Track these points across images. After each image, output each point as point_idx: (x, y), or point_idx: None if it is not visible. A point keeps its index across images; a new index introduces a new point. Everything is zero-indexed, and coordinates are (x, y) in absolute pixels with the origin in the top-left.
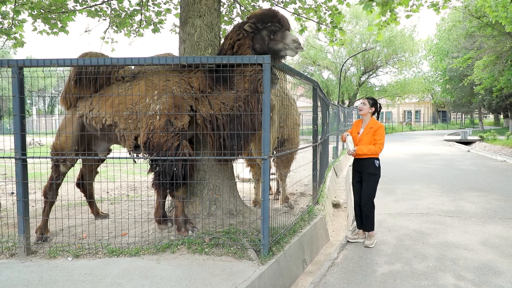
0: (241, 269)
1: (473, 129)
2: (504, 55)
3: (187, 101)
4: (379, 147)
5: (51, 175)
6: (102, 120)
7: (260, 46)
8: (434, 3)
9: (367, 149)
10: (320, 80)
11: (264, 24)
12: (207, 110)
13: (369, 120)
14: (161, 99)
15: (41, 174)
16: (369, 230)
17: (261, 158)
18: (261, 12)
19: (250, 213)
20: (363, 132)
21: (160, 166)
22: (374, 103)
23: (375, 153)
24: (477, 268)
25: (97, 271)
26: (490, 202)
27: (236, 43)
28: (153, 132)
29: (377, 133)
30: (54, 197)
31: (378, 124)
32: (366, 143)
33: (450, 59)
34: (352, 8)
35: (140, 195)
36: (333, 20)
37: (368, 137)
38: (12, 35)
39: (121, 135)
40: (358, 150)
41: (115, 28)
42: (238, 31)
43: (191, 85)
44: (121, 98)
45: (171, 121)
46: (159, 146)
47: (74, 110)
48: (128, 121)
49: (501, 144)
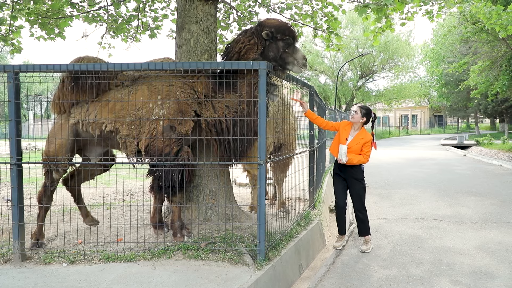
0: (237, 274)
1: (469, 133)
2: (499, 60)
3: (191, 106)
4: (367, 158)
5: (44, 182)
6: (102, 126)
7: (274, 54)
8: (428, 11)
9: (357, 159)
10: (317, 85)
11: (283, 35)
12: (211, 114)
13: (360, 129)
14: (165, 104)
15: (37, 180)
16: (365, 234)
17: (257, 163)
18: (279, 23)
19: (246, 218)
20: (352, 140)
21: (160, 171)
22: (366, 113)
23: (363, 163)
24: (472, 272)
25: (92, 277)
26: (486, 206)
27: (245, 47)
28: (156, 137)
29: (366, 145)
30: (48, 203)
31: (368, 137)
32: (354, 152)
33: (446, 64)
34: (348, 14)
35: (136, 200)
36: (329, 26)
37: (357, 147)
38: (9, 41)
39: (123, 142)
40: (349, 160)
41: (112, 33)
42: (250, 37)
43: (194, 89)
44: (122, 103)
45: (174, 126)
46: (160, 152)
47: (67, 117)
48: (131, 127)
49: (497, 148)
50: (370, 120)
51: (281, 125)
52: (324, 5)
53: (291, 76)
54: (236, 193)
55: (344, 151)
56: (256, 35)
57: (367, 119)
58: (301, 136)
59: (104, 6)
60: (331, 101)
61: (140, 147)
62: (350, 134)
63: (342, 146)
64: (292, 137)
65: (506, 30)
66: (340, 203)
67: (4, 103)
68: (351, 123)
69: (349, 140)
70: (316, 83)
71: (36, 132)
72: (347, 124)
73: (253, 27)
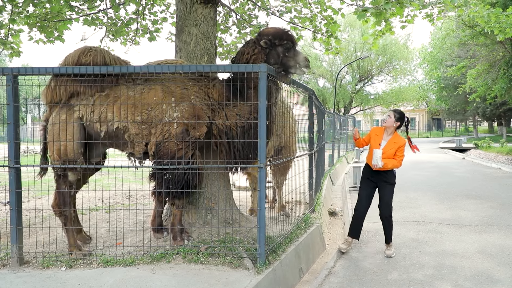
0: (237, 278)
1: (467, 136)
2: (497, 64)
3: (206, 111)
4: (400, 163)
5: (58, 187)
6: (109, 123)
7: (274, 61)
8: (428, 14)
9: (392, 164)
10: (316, 88)
11: (280, 41)
12: (223, 121)
13: (394, 134)
14: (179, 107)
15: (35, 183)
16: (390, 241)
17: (257, 167)
18: (275, 30)
19: (246, 221)
20: (386, 145)
21: (171, 174)
22: (400, 117)
23: (397, 167)
24: (474, 276)
25: (91, 282)
26: (486, 209)
27: (251, 58)
28: (169, 139)
29: (401, 149)
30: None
31: (402, 141)
32: (388, 156)
33: (445, 68)
34: (346, 17)
35: (135, 203)
36: (328, 29)
37: (391, 152)
38: (8, 45)
39: (131, 141)
40: (384, 165)
41: (111, 36)
42: (254, 46)
43: (209, 95)
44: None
45: (188, 130)
46: (173, 154)
47: (68, 111)
48: (141, 126)
49: (495, 151)
50: (403, 124)
51: (281, 128)
52: (324, 9)
53: (291, 79)
54: (235, 196)
55: (379, 155)
56: (258, 45)
57: (400, 123)
58: (301, 139)
59: (103, 9)
60: (330, 104)
61: (149, 148)
62: (384, 139)
63: (376, 151)
64: (292, 139)
65: (505, 33)
66: (361, 208)
67: (2, 106)
68: (383, 128)
69: (382, 145)
70: (314, 86)
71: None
72: (379, 130)
73: (253, 38)
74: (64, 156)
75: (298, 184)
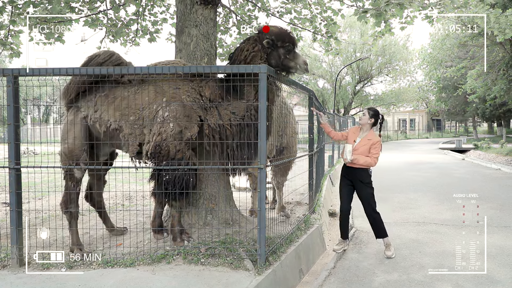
0: (238, 279)
1: (467, 137)
2: (497, 65)
3: (196, 111)
4: (374, 161)
5: (67, 185)
6: (107, 123)
7: (275, 61)
8: (428, 15)
9: (364, 160)
10: (316, 89)
11: (283, 43)
12: (215, 120)
13: (368, 131)
14: (169, 107)
15: (35, 184)
16: (382, 237)
17: (257, 167)
18: (279, 31)
19: (247, 222)
20: (360, 141)
21: (170, 175)
22: (374, 114)
23: (370, 165)
24: (474, 277)
25: (91, 283)
26: (486, 210)
27: (250, 54)
28: (166, 140)
29: (374, 147)
30: (77, 208)
31: (376, 138)
32: (361, 154)
33: (444, 68)
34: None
35: (135, 204)
36: (328, 30)
37: (365, 148)
38: (8, 46)
39: (126, 140)
40: (355, 160)
41: (111, 37)
42: (254, 44)
43: (201, 94)
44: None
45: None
46: (173, 156)
47: (76, 111)
48: (134, 126)
49: (495, 152)
50: (378, 121)
51: (283, 128)
52: (324, 10)
53: (291, 80)
54: (235, 197)
55: (349, 149)
56: (259, 42)
57: (375, 120)
58: (301, 140)
59: (103, 10)
60: (330, 105)
61: (146, 149)
62: (359, 136)
63: (347, 145)
64: (293, 140)
65: (504, 34)
66: (343, 207)
67: (2, 107)
68: (359, 128)
69: (357, 142)
70: (314, 87)
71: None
72: (356, 129)
73: (255, 35)
74: (69, 154)
75: (298, 185)
